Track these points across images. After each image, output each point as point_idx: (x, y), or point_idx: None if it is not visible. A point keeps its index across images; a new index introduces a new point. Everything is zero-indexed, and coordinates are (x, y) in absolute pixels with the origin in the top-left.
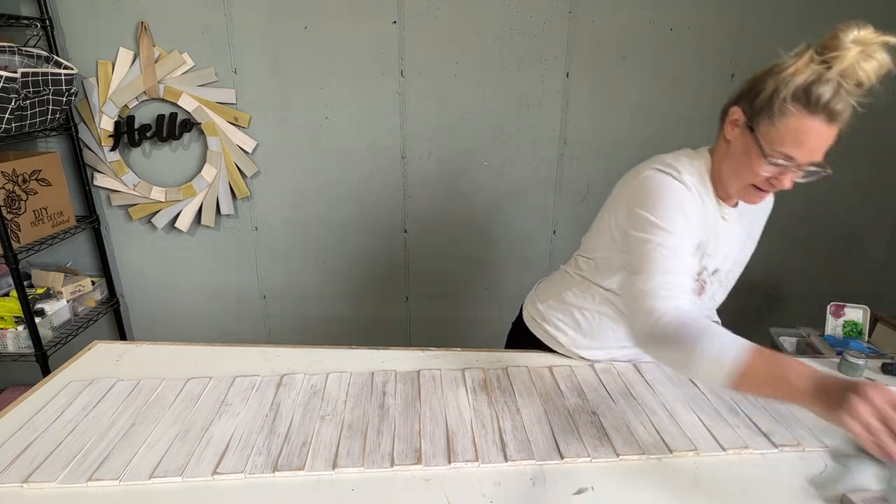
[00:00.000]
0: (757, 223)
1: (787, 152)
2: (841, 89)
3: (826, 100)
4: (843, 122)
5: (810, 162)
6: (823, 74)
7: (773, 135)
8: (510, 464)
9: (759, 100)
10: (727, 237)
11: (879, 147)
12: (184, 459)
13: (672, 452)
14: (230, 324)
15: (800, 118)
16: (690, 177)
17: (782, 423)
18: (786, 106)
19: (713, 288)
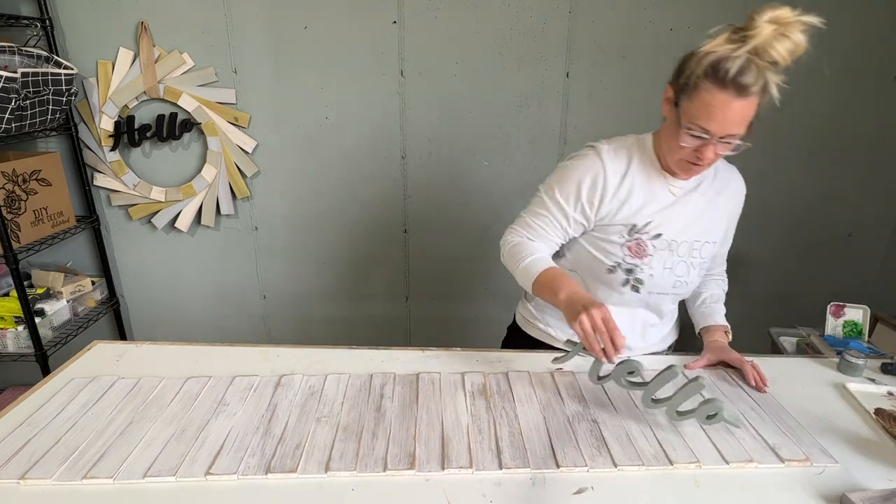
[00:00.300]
0: (726, 200)
1: (702, 125)
2: (751, 65)
3: (733, 74)
4: (758, 95)
5: (726, 134)
6: (734, 51)
7: (689, 109)
8: (505, 471)
9: (682, 77)
10: (679, 209)
11: (879, 147)
12: (178, 459)
13: (673, 464)
14: (230, 324)
15: (710, 92)
16: (623, 154)
17: (791, 436)
18: (698, 81)
19: (663, 254)
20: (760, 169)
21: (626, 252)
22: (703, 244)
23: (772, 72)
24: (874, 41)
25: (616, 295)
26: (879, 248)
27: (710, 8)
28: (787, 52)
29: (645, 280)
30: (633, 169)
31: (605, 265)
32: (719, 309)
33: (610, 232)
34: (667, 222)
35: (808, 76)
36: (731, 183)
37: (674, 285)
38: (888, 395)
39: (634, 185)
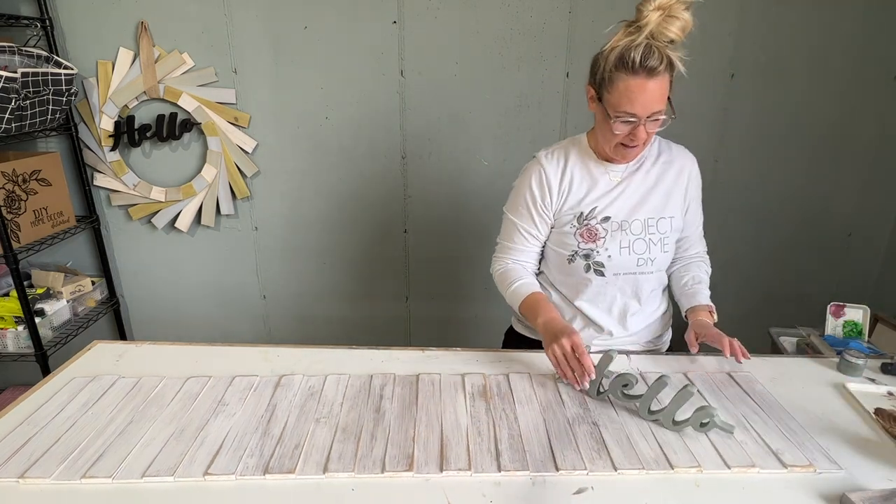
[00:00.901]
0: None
1: (626, 110)
2: (652, 48)
3: (639, 60)
4: (666, 73)
5: (651, 113)
6: (633, 41)
7: (612, 101)
8: (503, 474)
9: (597, 76)
10: (623, 191)
11: (879, 147)
12: (177, 459)
13: (674, 468)
14: (230, 324)
15: (625, 81)
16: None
17: (794, 441)
18: (612, 75)
19: (616, 235)
20: (761, 169)
21: (579, 239)
22: (659, 220)
23: (671, 50)
24: (874, 41)
25: (586, 283)
26: (879, 248)
27: (708, 8)
28: (679, 30)
29: (604, 262)
30: (570, 164)
31: (565, 256)
32: (702, 290)
33: (563, 224)
34: (612, 205)
35: (808, 76)
36: (677, 160)
37: (637, 263)
38: (888, 395)
39: (574, 177)
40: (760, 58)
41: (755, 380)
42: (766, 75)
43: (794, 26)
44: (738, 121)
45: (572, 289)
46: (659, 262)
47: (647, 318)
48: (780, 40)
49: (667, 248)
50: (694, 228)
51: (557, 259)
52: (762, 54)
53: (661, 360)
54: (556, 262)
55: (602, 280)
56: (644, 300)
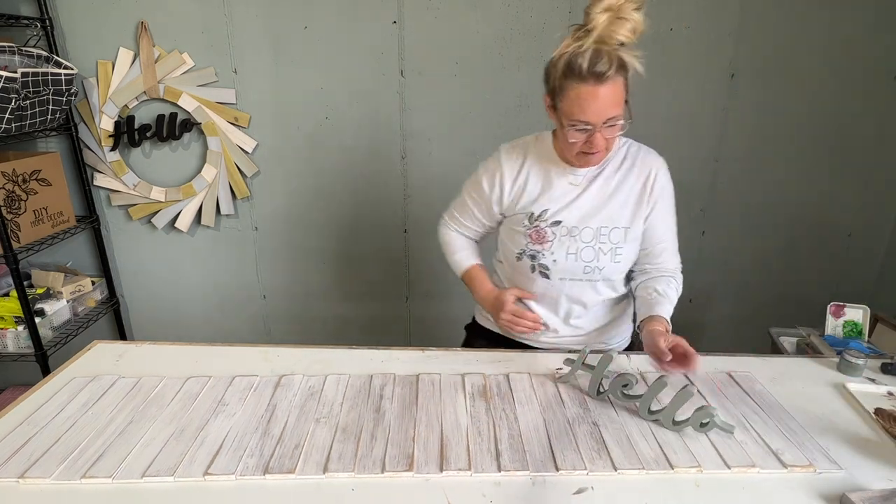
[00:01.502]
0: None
1: (580, 118)
2: (600, 53)
3: (586, 67)
4: (619, 76)
5: (606, 119)
6: (581, 46)
7: (564, 109)
8: (503, 474)
9: (550, 85)
10: (579, 196)
11: (879, 147)
12: (177, 459)
13: (674, 468)
14: (230, 324)
15: (575, 89)
16: (518, 150)
17: (794, 441)
18: (562, 83)
19: (565, 240)
20: (761, 169)
21: (528, 239)
22: (612, 229)
23: (624, 52)
24: (874, 41)
25: (532, 283)
26: (879, 248)
27: (708, 8)
28: (629, 31)
29: (549, 266)
30: (528, 162)
31: (514, 252)
32: (664, 303)
33: (515, 222)
34: (566, 210)
35: (808, 76)
36: (641, 165)
37: (584, 270)
38: (888, 395)
39: (530, 177)
40: (760, 58)
41: (755, 380)
42: (766, 75)
43: (794, 26)
44: (738, 121)
45: (521, 284)
46: (608, 272)
47: (595, 322)
48: (780, 40)
49: (619, 259)
50: (661, 236)
51: (508, 254)
52: (762, 54)
53: None
54: (508, 257)
55: (547, 282)
56: (592, 306)
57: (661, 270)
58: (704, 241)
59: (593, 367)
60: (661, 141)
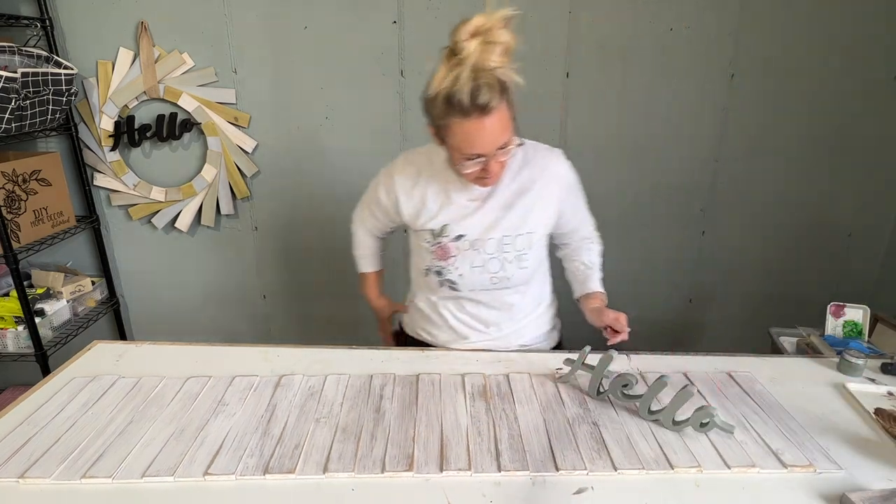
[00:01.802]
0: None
1: (471, 153)
2: (479, 84)
3: (467, 102)
4: (502, 100)
5: (497, 148)
6: (457, 80)
7: (454, 145)
8: (503, 474)
9: (433, 121)
10: (479, 209)
11: (879, 147)
12: (177, 459)
13: (674, 468)
14: (230, 324)
15: (460, 125)
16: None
17: (794, 441)
18: (444, 122)
19: (468, 254)
20: (760, 169)
21: (432, 256)
22: (516, 237)
23: (501, 73)
24: (874, 41)
25: (443, 296)
26: (879, 248)
27: (708, 8)
28: (502, 54)
29: (456, 280)
30: (423, 179)
31: (421, 268)
32: (593, 275)
33: (420, 237)
34: (466, 224)
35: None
36: (540, 169)
37: (491, 281)
38: (888, 395)
39: (427, 192)
40: (760, 58)
41: (755, 380)
42: (766, 75)
43: (794, 26)
44: (738, 121)
45: (434, 297)
46: (516, 280)
47: (516, 324)
48: (780, 40)
49: (525, 265)
50: (574, 218)
51: (417, 265)
52: (762, 54)
53: (662, 360)
54: (417, 267)
55: (457, 294)
56: (508, 310)
57: (580, 241)
58: (704, 241)
59: (593, 367)
60: (661, 141)
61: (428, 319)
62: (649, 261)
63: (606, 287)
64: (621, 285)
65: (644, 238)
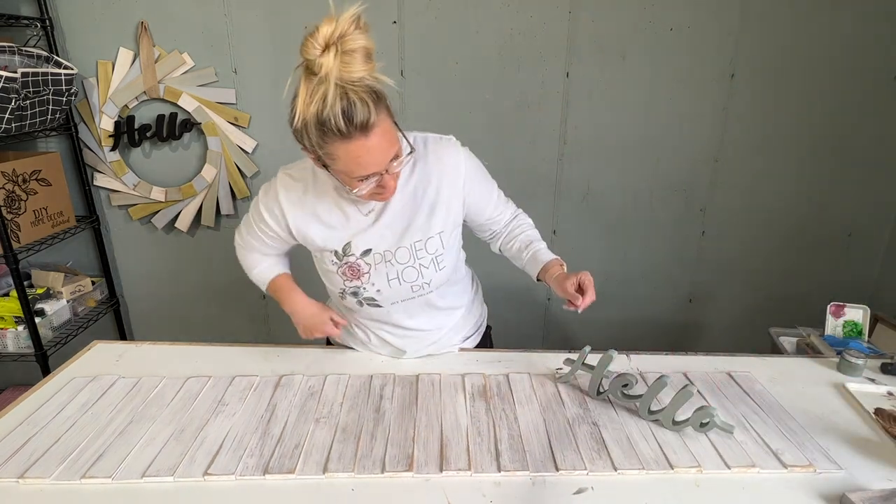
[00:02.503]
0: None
1: (362, 174)
2: (349, 101)
3: (343, 122)
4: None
5: (388, 162)
6: (324, 102)
7: (341, 169)
8: (503, 474)
9: (309, 150)
10: (377, 218)
11: (879, 147)
12: (177, 459)
13: (674, 468)
14: (230, 324)
15: (343, 148)
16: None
17: (794, 441)
18: (324, 147)
19: (381, 268)
20: (761, 169)
21: (343, 277)
22: (427, 240)
23: (370, 82)
24: (874, 41)
25: (367, 316)
26: (879, 248)
27: (708, 8)
28: (363, 61)
29: (375, 296)
30: (310, 197)
31: (335, 292)
32: (539, 248)
33: (323, 260)
34: (369, 237)
35: (808, 76)
36: (435, 163)
37: (412, 290)
38: (888, 395)
39: (318, 211)
40: (760, 58)
41: (755, 380)
42: (766, 75)
43: (794, 26)
44: (738, 121)
45: (358, 318)
46: (438, 280)
47: (451, 321)
48: (780, 40)
49: (444, 265)
50: (487, 205)
51: (331, 290)
52: (762, 54)
53: (661, 360)
54: (331, 292)
55: (380, 310)
56: (434, 312)
57: (507, 225)
58: (704, 241)
59: (593, 367)
60: (661, 141)
61: (361, 342)
62: (649, 261)
63: (606, 287)
64: (621, 285)
65: (644, 238)
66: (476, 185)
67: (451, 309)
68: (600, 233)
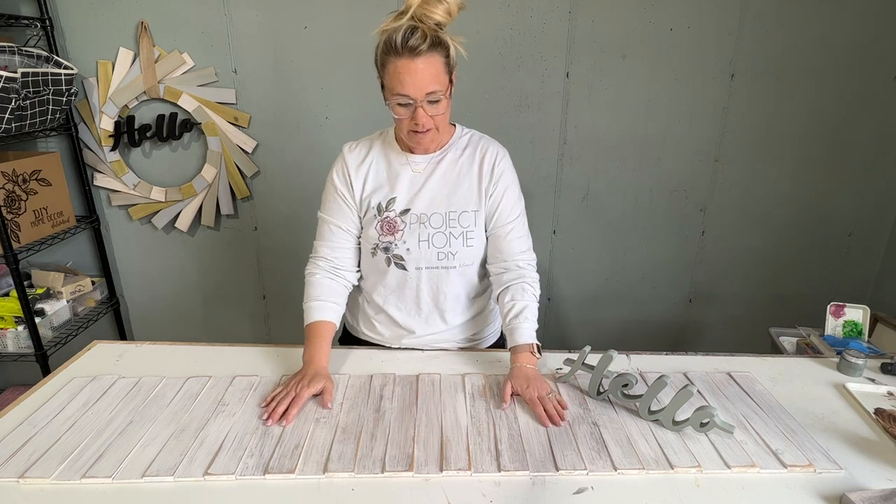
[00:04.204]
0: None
1: (399, 92)
2: (415, 29)
3: (399, 42)
4: (435, 53)
5: (425, 94)
6: (397, 23)
7: (387, 85)
8: (503, 474)
9: (378, 69)
10: (424, 183)
11: (879, 147)
12: (177, 459)
13: (673, 468)
14: (230, 324)
15: (393, 63)
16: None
17: (794, 441)
18: (382, 59)
19: (415, 228)
20: (761, 169)
21: (379, 231)
22: (461, 213)
23: (441, 33)
24: (874, 41)
25: (391, 279)
26: (879, 248)
27: (708, 8)
28: (444, 13)
29: (403, 255)
30: (372, 155)
31: (368, 248)
32: (522, 324)
33: (366, 215)
34: (413, 198)
35: (808, 76)
36: (482, 153)
37: (438, 257)
38: (888, 395)
39: (373, 168)
40: (760, 58)
41: (755, 380)
42: (766, 75)
43: (794, 26)
44: (738, 121)
45: (378, 283)
46: (462, 257)
47: (461, 317)
48: (780, 40)
49: (471, 243)
50: (507, 216)
51: (364, 255)
52: (762, 54)
53: (661, 360)
54: (364, 259)
55: (404, 274)
56: (453, 296)
57: (512, 280)
58: (704, 241)
59: (593, 367)
60: (661, 141)
61: (370, 320)
62: (649, 260)
63: (607, 287)
64: (621, 285)
65: (644, 238)
66: (504, 184)
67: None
68: (600, 233)
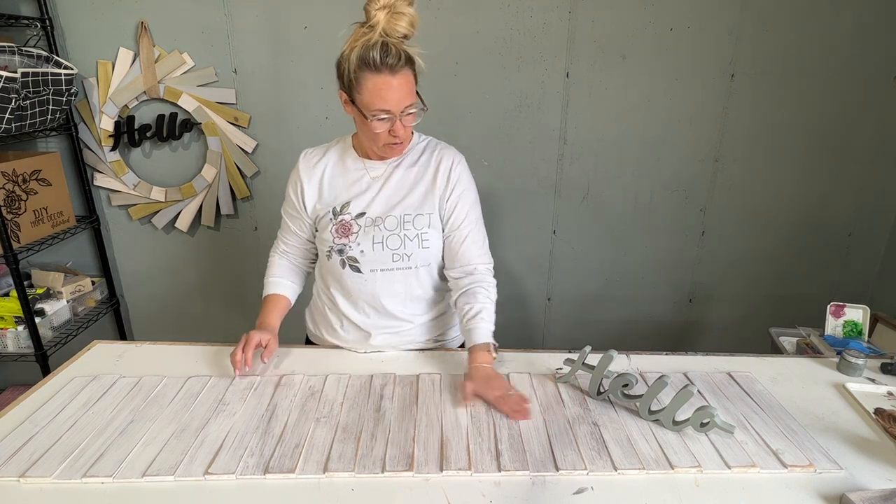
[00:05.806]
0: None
1: (380, 108)
2: (388, 46)
3: (379, 59)
4: (408, 68)
5: (404, 107)
6: (369, 40)
7: (364, 101)
8: (503, 474)
9: (345, 80)
10: (380, 188)
11: (879, 147)
12: (177, 458)
13: (674, 468)
14: (230, 324)
15: (371, 80)
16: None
17: (794, 441)
18: (358, 76)
19: (370, 230)
20: (760, 169)
21: (334, 234)
22: (416, 216)
23: (407, 45)
24: (874, 41)
25: (345, 282)
26: (879, 248)
27: (708, 8)
28: (408, 25)
29: (358, 257)
30: (326, 160)
31: (323, 252)
32: (479, 325)
33: (322, 223)
34: (368, 201)
35: (808, 76)
36: (437, 159)
37: (393, 259)
38: (888, 395)
39: (330, 173)
40: (760, 58)
41: (755, 380)
42: (766, 75)
43: (794, 26)
44: (738, 121)
45: (336, 288)
46: (417, 259)
47: (421, 317)
48: (780, 40)
49: (427, 245)
50: (463, 221)
51: (320, 255)
52: (762, 54)
53: (662, 360)
54: (319, 261)
55: (359, 276)
56: (412, 297)
57: (469, 284)
58: (704, 241)
59: (593, 367)
60: (661, 141)
61: (333, 328)
62: (649, 260)
63: (607, 287)
64: (621, 285)
65: (644, 238)
66: (460, 189)
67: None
68: (600, 233)
